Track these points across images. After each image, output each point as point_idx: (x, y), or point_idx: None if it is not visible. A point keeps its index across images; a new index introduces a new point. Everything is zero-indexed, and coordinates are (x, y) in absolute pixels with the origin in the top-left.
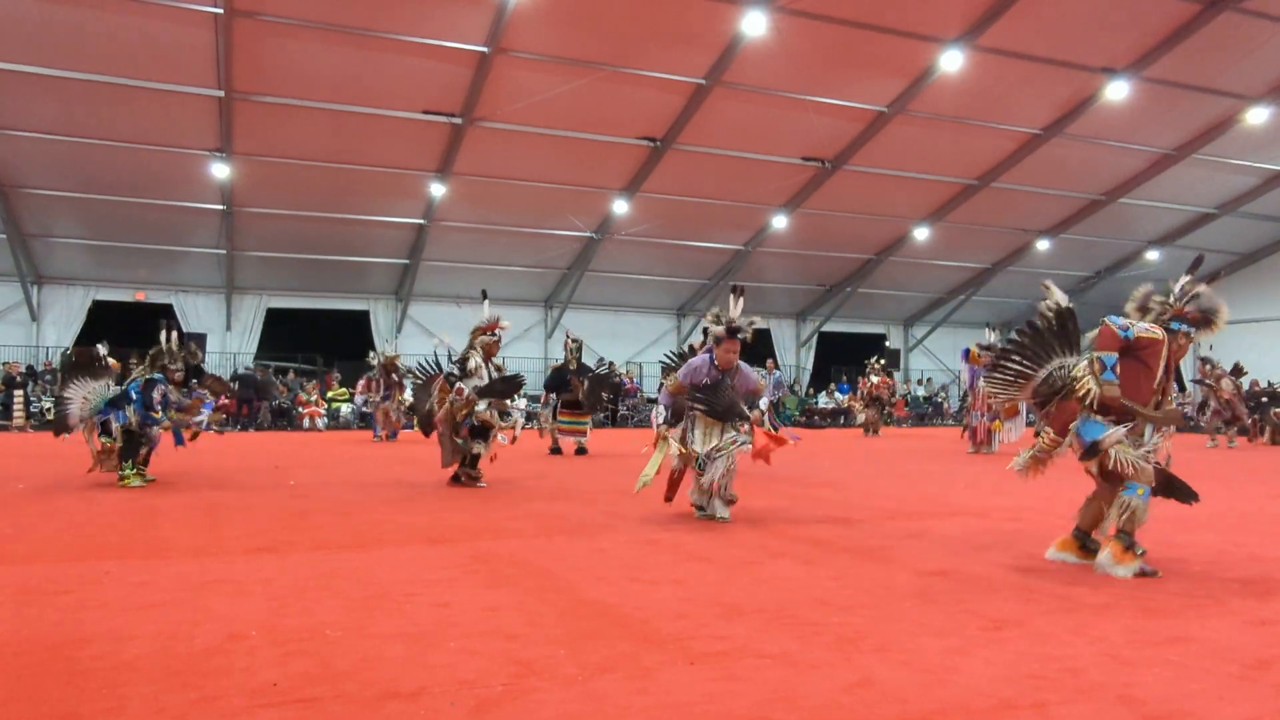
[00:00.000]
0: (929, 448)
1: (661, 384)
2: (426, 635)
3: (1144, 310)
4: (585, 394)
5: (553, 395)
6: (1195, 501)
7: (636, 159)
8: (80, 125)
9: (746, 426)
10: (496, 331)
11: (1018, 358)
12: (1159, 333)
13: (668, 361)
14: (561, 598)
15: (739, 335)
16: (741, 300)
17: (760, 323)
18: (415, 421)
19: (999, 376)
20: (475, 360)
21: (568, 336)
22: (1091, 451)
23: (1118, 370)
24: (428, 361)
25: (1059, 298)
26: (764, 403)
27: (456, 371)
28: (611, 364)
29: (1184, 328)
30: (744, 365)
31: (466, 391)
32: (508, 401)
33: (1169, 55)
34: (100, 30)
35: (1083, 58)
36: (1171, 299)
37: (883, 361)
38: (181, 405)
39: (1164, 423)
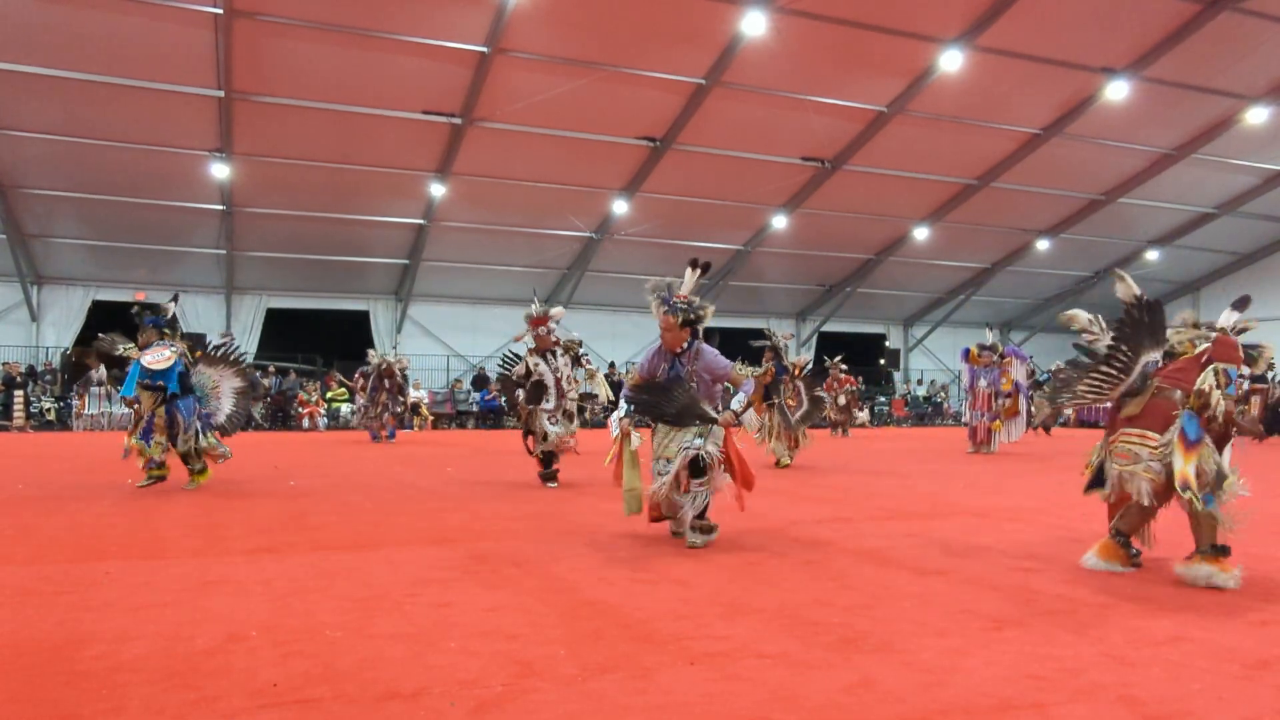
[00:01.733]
0: (929, 448)
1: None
2: (426, 636)
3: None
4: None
5: None
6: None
7: (636, 159)
8: (80, 125)
9: (714, 430)
10: (549, 325)
11: (1120, 360)
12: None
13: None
14: (562, 598)
15: (677, 312)
16: (696, 274)
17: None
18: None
19: (1099, 379)
20: (528, 364)
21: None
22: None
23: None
24: (508, 355)
25: (1134, 289)
26: (740, 399)
27: (512, 378)
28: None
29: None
30: (706, 348)
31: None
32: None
33: (1169, 55)
34: (100, 30)
35: (1083, 58)
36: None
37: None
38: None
39: (1251, 433)
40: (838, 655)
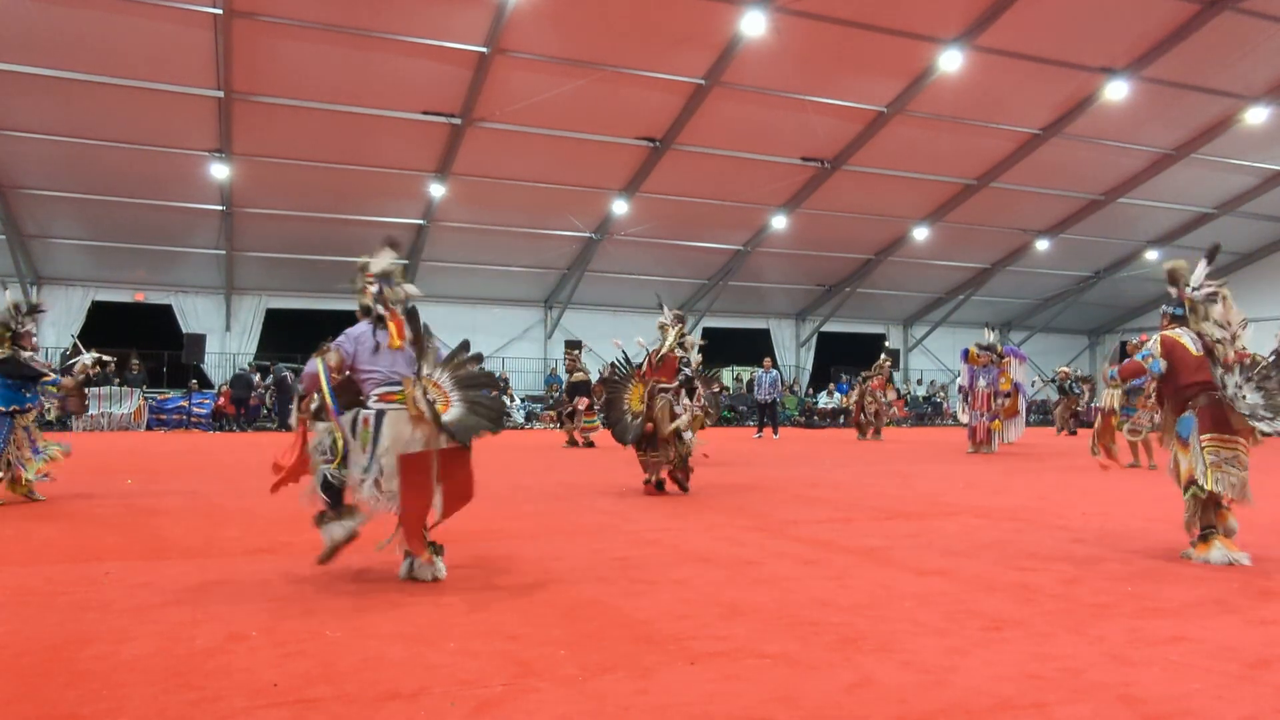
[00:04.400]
0: (929, 448)
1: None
2: (426, 636)
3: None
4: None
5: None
6: None
7: (636, 159)
8: (80, 125)
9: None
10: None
11: None
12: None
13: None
14: (561, 598)
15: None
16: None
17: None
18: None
19: None
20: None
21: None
22: None
23: None
24: (620, 361)
25: None
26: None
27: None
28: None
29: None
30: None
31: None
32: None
33: (1168, 55)
34: (100, 30)
35: (1082, 58)
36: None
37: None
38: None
39: None
40: (838, 655)
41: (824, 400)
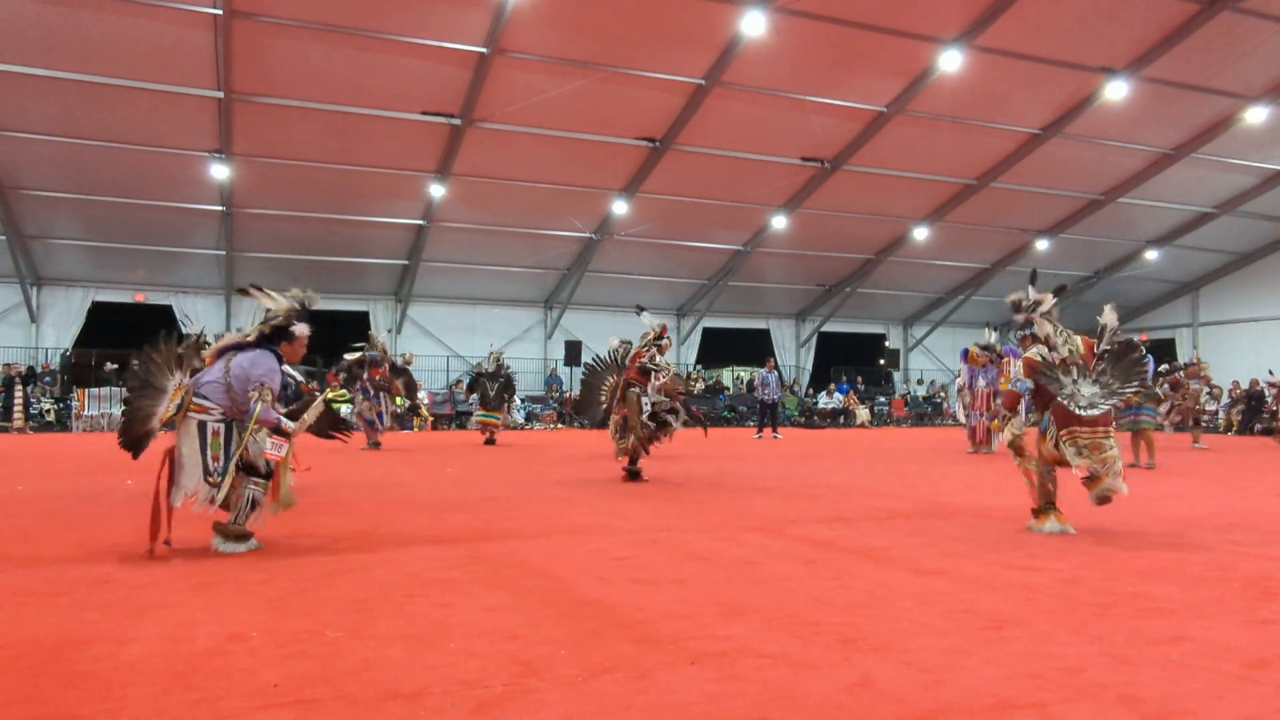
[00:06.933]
0: (929, 448)
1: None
2: (427, 636)
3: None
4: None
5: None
6: None
7: (636, 159)
8: (80, 126)
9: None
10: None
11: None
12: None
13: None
14: (561, 598)
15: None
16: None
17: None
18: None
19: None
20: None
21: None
22: None
23: None
24: (597, 358)
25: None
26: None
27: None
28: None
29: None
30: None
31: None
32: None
33: (1168, 55)
34: (100, 30)
35: (1081, 57)
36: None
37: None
38: None
39: None
40: (838, 655)
41: (824, 400)
